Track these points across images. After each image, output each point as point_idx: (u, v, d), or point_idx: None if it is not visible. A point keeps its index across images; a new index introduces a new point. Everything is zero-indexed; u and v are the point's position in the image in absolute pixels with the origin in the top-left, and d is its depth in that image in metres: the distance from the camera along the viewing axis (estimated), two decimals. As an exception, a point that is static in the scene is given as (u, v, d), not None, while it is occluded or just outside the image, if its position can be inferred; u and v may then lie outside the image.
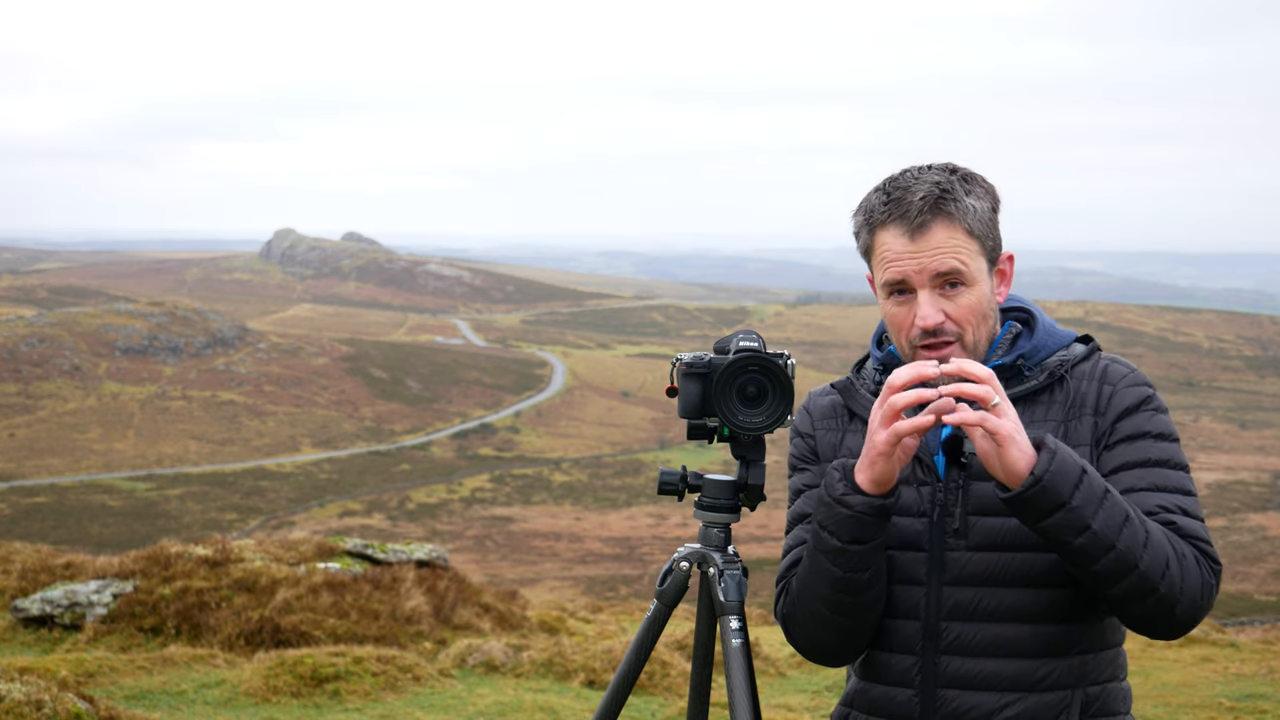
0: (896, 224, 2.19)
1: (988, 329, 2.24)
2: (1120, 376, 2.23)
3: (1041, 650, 2.15)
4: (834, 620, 2.22)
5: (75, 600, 8.34)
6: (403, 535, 61.00)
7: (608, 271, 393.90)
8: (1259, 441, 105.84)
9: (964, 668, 2.17)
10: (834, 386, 2.42)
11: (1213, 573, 2.11)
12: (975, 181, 2.23)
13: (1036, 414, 2.22)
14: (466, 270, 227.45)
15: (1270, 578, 59.04)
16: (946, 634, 2.19)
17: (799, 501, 2.39)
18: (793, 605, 2.29)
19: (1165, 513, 2.12)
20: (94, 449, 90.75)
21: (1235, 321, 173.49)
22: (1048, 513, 2.00)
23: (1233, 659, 9.91)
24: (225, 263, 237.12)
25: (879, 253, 2.23)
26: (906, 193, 2.19)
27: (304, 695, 6.73)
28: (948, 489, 2.21)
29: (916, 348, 2.21)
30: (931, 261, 2.16)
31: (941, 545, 2.20)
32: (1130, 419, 2.19)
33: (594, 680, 7.59)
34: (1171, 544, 2.07)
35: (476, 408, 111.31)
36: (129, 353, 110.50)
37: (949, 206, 2.17)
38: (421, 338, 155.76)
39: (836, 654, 2.29)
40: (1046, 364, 2.26)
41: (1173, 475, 2.17)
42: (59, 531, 63.36)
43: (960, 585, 2.18)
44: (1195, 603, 2.07)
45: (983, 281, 2.21)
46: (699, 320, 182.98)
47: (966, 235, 2.18)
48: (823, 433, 2.38)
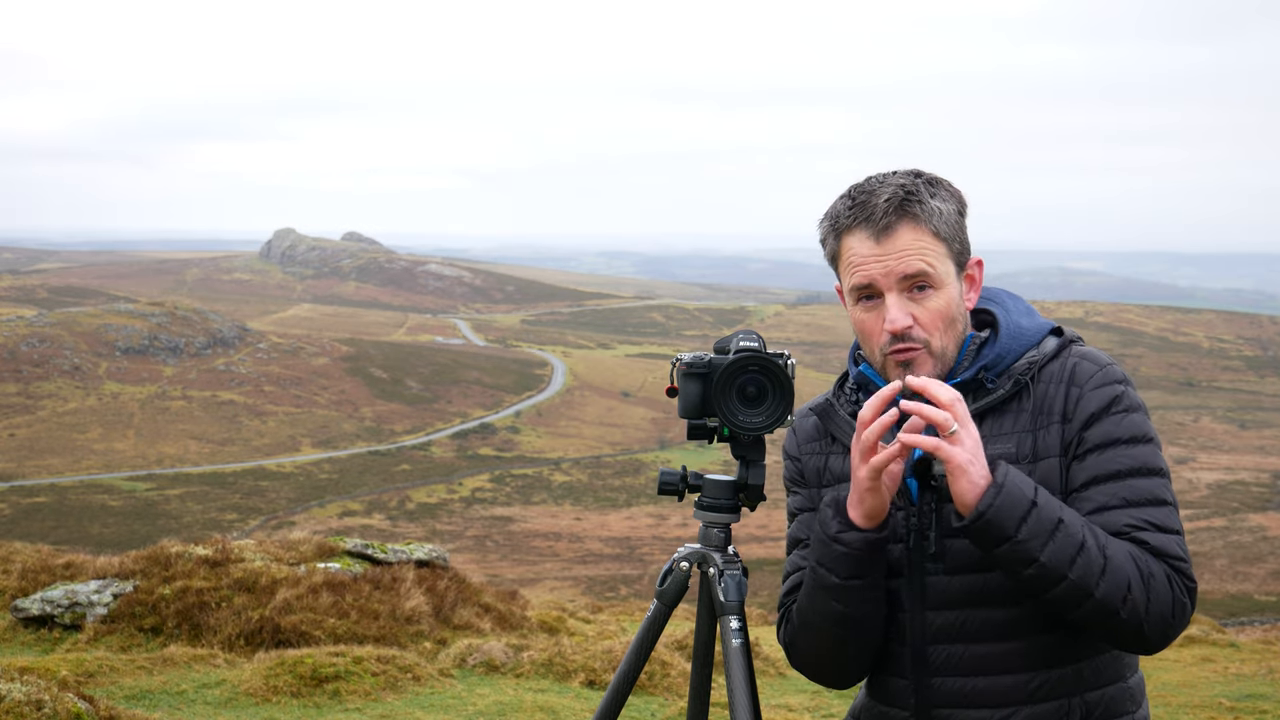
0: (862, 227, 2.17)
1: (956, 334, 2.21)
2: (1088, 377, 2.16)
3: (1033, 663, 2.13)
4: (836, 651, 2.22)
5: (75, 600, 8.33)
6: (403, 535, 60.98)
7: (608, 271, 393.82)
8: (1259, 441, 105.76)
9: (957, 686, 2.16)
10: (813, 409, 2.40)
11: (1185, 590, 2.06)
12: (941, 185, 2.21)
13: (1005, 424, 2.18)
14: (466, 270, 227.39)
15: (1270, 578, 59.02)
16: (935, 656, 2.17)
17: (794, 526, 2.39)
18: (794, 634, 2.30)
19: (1137, 531, 2.07)
20: (94, 449, 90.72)
21: (1235, 321, 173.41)
22: (994, 544, 2.00)
23: (1233, 659, 9.92)
24: (225, 263, 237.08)
25: (845, 258, 2.20)
26: (871, 196, 2.17)
27: (304, 695, 6.73)
28: (921, 512, 2.19)
29: (886, 354, 2.19)
30: (898, 264, 2.14)
31: (921, 570, 2.18)
32: (1098, 425, 2.13)
33: (594, 680, 7.59)
34: (1139, 566, 2.03)
35: (476, 408, 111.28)
36: (129, 353, 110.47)
37: (914, 208, 2.15)
38: (421, 338, 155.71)
39: (840, 680, 2.30)
40: (1013, 370, 2.20)
41: (1146, 486, 2.10)
42: (59, 531, 63.35)
43: (943, 609, 2.16)
44: (1165, 621, 2.04)
45: (951, 285, 2.18)
46: (699, 320, 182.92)
47: (933, 237, 2.16)
48: (808, 456, 2.37)
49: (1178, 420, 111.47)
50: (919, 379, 2.01)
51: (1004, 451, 2.15)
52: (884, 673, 2.26)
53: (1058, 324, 2.28)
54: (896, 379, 2.17)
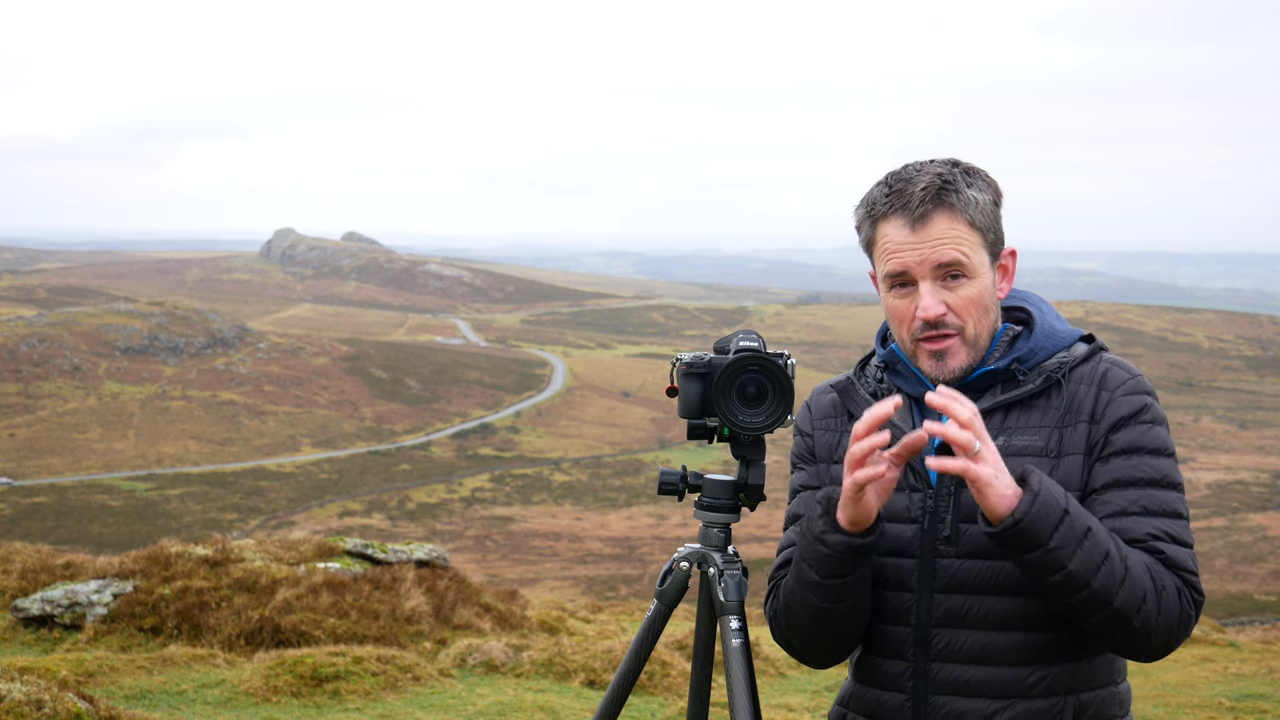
0: (898, 215, 2.17)
1: (989, 322, 2.22)
2: (1119, 383, 2.19)
3: (1033, 657, 2.14)
4: (815, 637, 2.25)
5: (75, 600, 8.33)
6: (403, 535, 61.00)
7: (608, 271, 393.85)
8: (1259, 441, 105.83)
9: (955, 674, 2.17)
10: (833, 386, 2.40)
11: (1193, 603, 2.10)
12: (977, 175, 2.22)
13: (1032, 419, 2.20)
14: (466, 270, 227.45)
15: (1270, 578, 59.06)
16: (937, 640, 2.18)
17: (795, 502, 2.39)
18: (777, 614, 2.31)
19: (1154, 540, 2.10)
20: (94, 449, 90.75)
21: (1235, 321, 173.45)
22: (1026, 551, 2.01)
23: (1233, 659, 9.92)
24: (225, 263, 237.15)
25: (880, 244, 2.21)
26: (908, 184, 2.17)
27: (304, 695, 6.73)
28: (939, 496, 2.20)
29: (918, 340, 2.20)
30: (933, 252, 2.15)
31: (932, 552, 2.19)
32: (1125, 430, 2.16)
33: (594, 680, 7.59)
34: (1153, 577, 2.06)
35: (476, 408, 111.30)
36: (129, 353, 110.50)
37: (950, 197, 2.16)
38: (421, 338, 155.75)
39: (820, 661, 2.32)
40: (1044, 367, 2.23)
41: (1165, 498, 2.14)
42: (59, 531, 63.40)
43: (950, 592, 2.17)
44: (1171, 632, 2.08)
45: (984, 274, 2.19)
46: (699, 320, 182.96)
47: (968, 227, 2.17)
48: (821, 433, 2.37)
49: (1178, 420, 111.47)
50: (940, 397, 2.00)
51: (1030, 444, 2.17)
52: (877, 654, 2.25)
53: (1089, 332, 2.31)
54: (928, 369, 2.20)
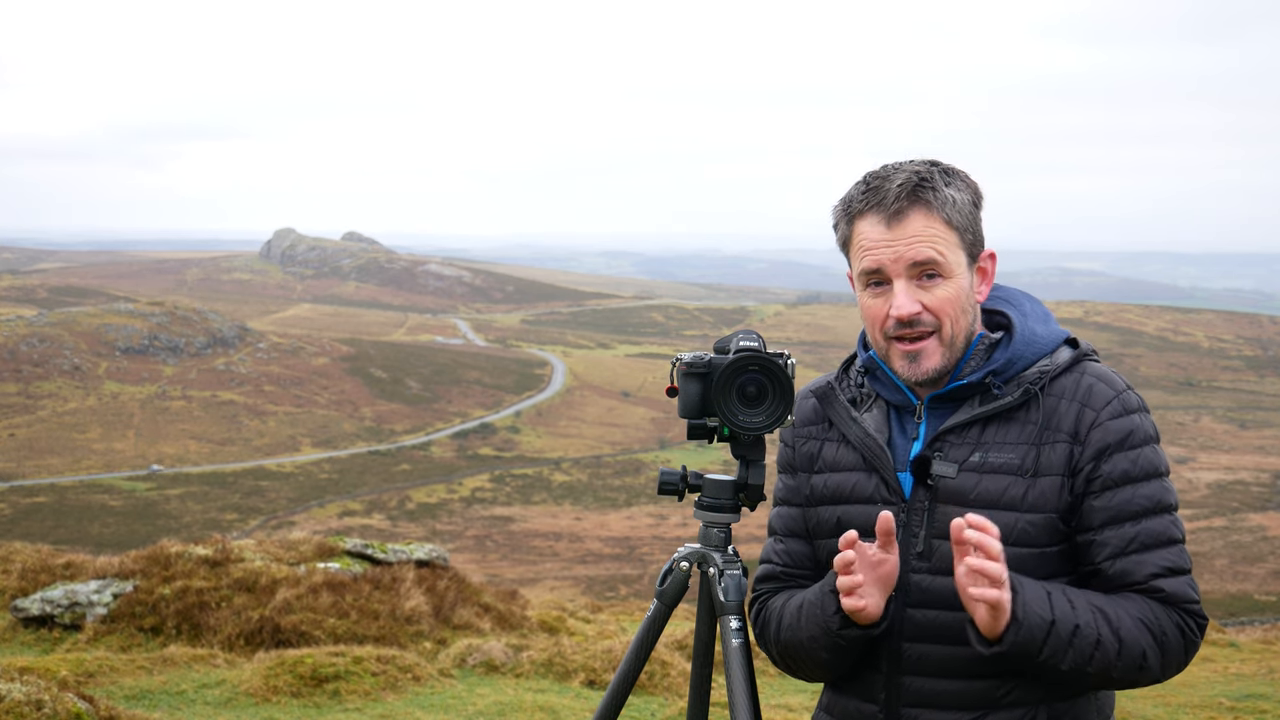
0: (874, 212, 2.14)
1: (965, 324, 2.17)
2: (1104, 403, 2.12)
3: (1002, 670, 2.12)
4: (817, 674, 2.31)
5: (75, 600, 8.33)
6: (403, 535, 60.98)
7: (608, 271, 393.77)
8: (1259, 441, 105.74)
9: (926, 687, 2.16)
10: (813, 391, 2.38)
11: (1197, 630, 2.09)
12: (956, 175, 2.18)
13: (1010, 434, 2.14)
14: (466, 270, 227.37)
15: (1270, 578, 59.02)
16: (909, 654, 2.18)
17: (776, 513, 2.41)
18: (769, 644, 2.34)
19: (1152, 580, 2.08)
20: (94, 449, 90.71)
21: (1235, 321, 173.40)
22: (1018, 664, 2.05)
23: (1233, 659, 9.91)
24: (225, 263, 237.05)
25: (856, 242, 2.18)
26: (885, 181, 2.15)
27: (304, 695, 6.72)
28: (911, 510, 2.18)
29: (890, 339, 2.17)
30: (908, 250, 2.12)
31: (905, 567, 2.18)
32: (1114, 459, 2.10)
33: (594, 680, 7.59)
34: (1151, 633, 2.05)
35: (476, 408, 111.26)
36: (129, 353, 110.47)
37: (927, 195, 2.12)
38: (421, 338, 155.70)
39: (812, 680, 2.37)
40: (1023, 377, 2.17)
41: (1160, 527, 2.10)
42: (59, 531, 63.35)
43: (923, 607, 2.16)
44: (1174, 670, 2.10)
45: (961, 275, 2.15)
46: (699, 320, 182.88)
47: (945, 225, 2.13)
48: (801, 442, 2.36)
49: (1178, 420, 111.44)
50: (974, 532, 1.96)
51: (1006, 462, 2.13)
52: (857, 664, 2.26)
53: (1073, 335, 2.24)
54: (901, 369, 2.18)
